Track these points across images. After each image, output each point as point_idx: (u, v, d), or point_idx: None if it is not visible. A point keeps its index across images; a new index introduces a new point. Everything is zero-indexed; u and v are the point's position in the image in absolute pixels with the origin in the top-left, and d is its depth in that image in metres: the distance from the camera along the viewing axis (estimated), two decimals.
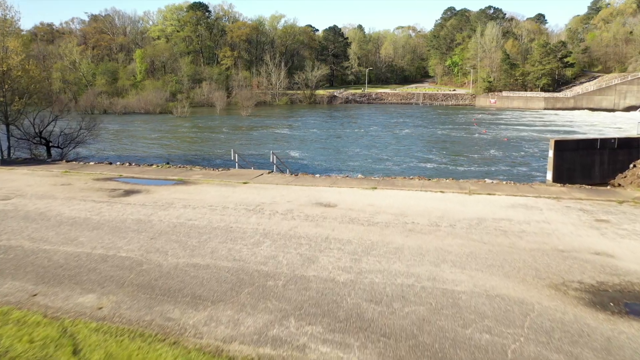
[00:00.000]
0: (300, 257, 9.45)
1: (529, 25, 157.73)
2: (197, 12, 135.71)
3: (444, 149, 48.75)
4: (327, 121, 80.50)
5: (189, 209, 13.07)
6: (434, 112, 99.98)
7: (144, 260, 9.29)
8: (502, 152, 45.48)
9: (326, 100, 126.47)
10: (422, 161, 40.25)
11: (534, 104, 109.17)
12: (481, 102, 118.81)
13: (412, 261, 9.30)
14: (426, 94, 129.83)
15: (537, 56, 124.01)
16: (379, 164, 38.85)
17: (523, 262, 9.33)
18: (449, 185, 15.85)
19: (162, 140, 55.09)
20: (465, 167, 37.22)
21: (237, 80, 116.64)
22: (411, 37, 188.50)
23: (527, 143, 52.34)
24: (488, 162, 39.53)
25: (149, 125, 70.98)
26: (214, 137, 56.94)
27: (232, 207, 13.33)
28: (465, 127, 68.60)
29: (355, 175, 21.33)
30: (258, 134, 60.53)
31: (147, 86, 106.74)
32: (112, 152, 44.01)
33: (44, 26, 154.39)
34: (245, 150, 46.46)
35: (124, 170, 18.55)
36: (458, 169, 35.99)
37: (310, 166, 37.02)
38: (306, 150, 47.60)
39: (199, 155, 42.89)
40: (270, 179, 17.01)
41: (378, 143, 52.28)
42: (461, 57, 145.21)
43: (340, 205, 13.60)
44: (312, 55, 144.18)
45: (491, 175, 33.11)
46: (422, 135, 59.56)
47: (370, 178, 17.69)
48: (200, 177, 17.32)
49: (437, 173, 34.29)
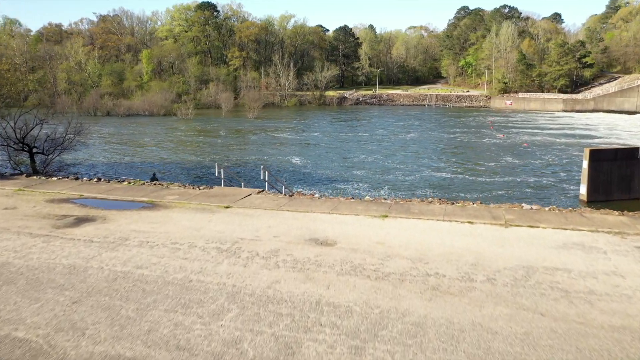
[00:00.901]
0: (276, 343, 6.45)
1: (546, 24, 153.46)
2: (205, 12, 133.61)
3: (459, 155, 45.62)
4: (335, 124, 77.53)
5: (144, 249, 10.13)
6: (447, 114, 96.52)
7: (45, 347, 6.35)
8: (524, 160, 42.13)
9: (336, 101, 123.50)
10: (436, 170, 37.13)
11: (551, 105, 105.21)
12: (496, 103, 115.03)
13: (440, 353, 6.25)
14: (439, 95, 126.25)
15: (554, 56, 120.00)
16: (388, 173, 35.77)
17: (608, 354, 6.23)
18: (478, 213, 12.75)
19: (154, 145, 52.36)
20: (485, 177, 33.98)
21: (245, 81, 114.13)
22: (423, 37, 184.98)
23: (550, 149, 48.91)
24: (510, 171, 36.26)
25: (147, 127, 68.53)
26: (211, 142, 54.12)
27: (201, 245, 10.38)
28: (481, 131, 65.18)
29: (361, 196, 18.29)
30: (259, 138, 57.77)
31: (153, 87, 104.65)
32: (100, 159, 41.37)
33: (52, 27, 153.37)
34: (242, 156, 43.52)
35: (89, 188, 15.71)
36: (478, 180, 32.78)
37: (311, 177, 34.04)
38: (309, 156, 44.83)
39: (187, 164, 39.96)
40: (258, 202, 14.04)
41: (387, 149, 49.30)
42: (475, 58, 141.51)
43: (341, 242, 10.58)
44: (322, 55, 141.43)
45: (518, 189, 29.84)
46: (435, 140, 56.33)
47: (380, 201, 14.61)
48: (175, 198, 14.41)
49: (454, 185, 31.12)
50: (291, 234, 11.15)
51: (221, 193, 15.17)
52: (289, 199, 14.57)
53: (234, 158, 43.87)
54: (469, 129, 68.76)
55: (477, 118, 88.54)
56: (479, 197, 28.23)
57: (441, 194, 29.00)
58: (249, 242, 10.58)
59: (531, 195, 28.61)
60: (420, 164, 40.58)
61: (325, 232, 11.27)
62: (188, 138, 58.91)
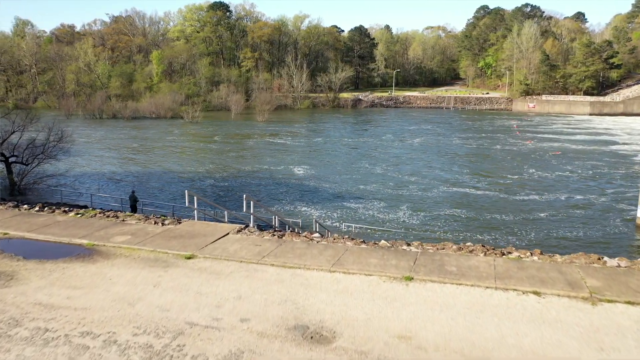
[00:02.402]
0: None
1: (569, 24, 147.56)
2: (218, 12, 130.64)
3: (484, 165, 41.14)
4: (347, 128, 73.49)
5: (32, 348, 6.47)
6: (466, 118, 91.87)
7: None
8: (558, 171, 37.71)
9: (350, 103, 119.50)
10: (460, 184, 32.69)
11: (577, 108, 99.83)
12: (518, 106, 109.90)
13: None
14: (457, 97, 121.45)
15: (580, 57, 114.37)
16: (404, 187, 31.50)
17: None
18: (543, 274, 8.86)
19: (148, 151, 48.53)
20: (520, 194, 29.54)
21: (257, 83, 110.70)
22: (441, 37, 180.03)
23: (585, 158, 44.32)
24: (547, 186, 31.79)
25: (149, 131, 64.62)
26: (210, 149, 49.64)
27: (124, 340, 6.69)
28: (506, 137, 60.59)
29: (374, 220, 14.40)
30: (264, 144, 53.64)
31: (162, 89, 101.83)
32: (85, 168, 37.42)
33: (65, 28, 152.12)
34: (240, 165, 39.02)
35: (21, 222, 12.16)
36: (512, 199, 28.40)
37: (315, 193, 29.88)
38: (315, 166, 40.65)
39: (176, 175, 35.30)
40: (234, 248, 10.33)
41: (403, 157, 44.79)
42: (495, 58, 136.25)
43: (344, 335, 6.82)
44: (336, 56, 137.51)
45: (562, 210, 25.38)
46: (456, 146, 51.90)
47: (401, 248, 10.74)
48: (125, 240, 10.77)
49: (484, 204, 26.92)
50: (269, 315, 7.39)
51: (189, 232, 11.47)
52: (278, 242, 10.81)
53: (230, 168, 39.39)
54: (492, 135, 64.19)
55: (499, 122, 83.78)
56: (518, 221, 24.06)
57: (471, 216, 24.89)
58: (199, 333, 6.84)
59: (579, 219, 24.35)
60: (441, 175, 36.31)
61: (321, 312, 7.49)
62: (187, 144, 55.10)
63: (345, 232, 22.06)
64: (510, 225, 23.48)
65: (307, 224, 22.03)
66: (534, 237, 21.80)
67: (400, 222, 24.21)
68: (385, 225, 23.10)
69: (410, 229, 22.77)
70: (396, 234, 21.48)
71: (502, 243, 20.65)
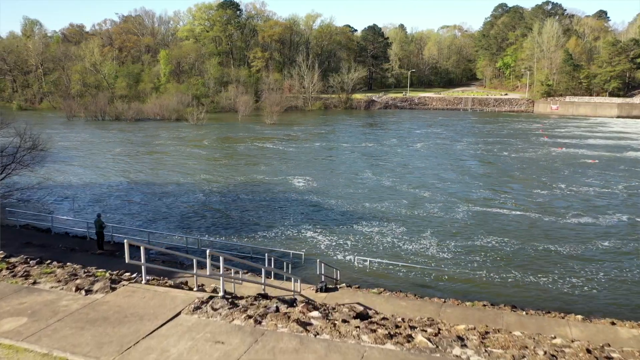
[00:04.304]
0: None
1: (592, 22, 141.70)
2: (228, 11, 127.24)
3: (513, 176, 36.43)
4: (360, 131, 69.08)
5: None
6: (486, 121, 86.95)
7: None
8: (601, 183, 33.09)
9: (363, 105, 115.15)
10: (488, 203, 27.95)
11: (604, 111, 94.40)
12: (540, 108, 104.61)
13: None
14: (475, 98, 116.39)
15: (605, 56, 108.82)
16: (422, 206, 27.00)
17: None
18: None
19: (135, 159, 44.51)
20: (568, 217, 24.74)
21: (267, 84, 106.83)
22: (457, 37, 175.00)
23: (626, 167, 39.61)
24: (598, 206, 27.03)
25: (147, 135, 60.15)
26: (204, 156, 46.00)
27: None
28: (532, 141, 55.75)
29: (388, 250, 10.33)
30: (267, 150, 49.87)
31: (169, 90, 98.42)
32: (60, 179, 33.31)
33: (74, 27, 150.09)
34: (232, 176, 33.94)
35: None
36: (558, 223, 23.77)
37: (317, 212, 25.94)
38: (319, 178, 36.14)
39: (159, 189, 30.96)
40: (179, 350, 6.38)
41: (420, 167, 40.18)
42: (514, 58, 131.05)
43: None
44: (349, 56, 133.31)
45: (627, 238, 20.85)
46: (479, 154, 47.22)
47: (451, 354, 6.62)
48: (14, 328, 6.90)
49: (526, 230, 22.40)
50: None
51: (120, 309, 7.52)
52: (253, 333, 6.81)
53: (221, 181, 34.79)
54: (516, 139, 59.42)
55: (522, 125, 78.80)
56: (576, 254, 19.65)
57: (513, 247, 20.45)
58: None
59: None
60: (466, 190, 31.79)
61: None
62: (179, 150, 49.83)
63: (360, 270, 17.99)
64: (566, 261, 19.09)
65: (310, 257, 18.09)
66: (604, 279, 17.51)
67: (426, 254, 19.99)
68: (408, 259, 18.92)
69: (442, 266, 18.55)
70: (424, 274, 17.40)
71: (566, 288, 16.44)
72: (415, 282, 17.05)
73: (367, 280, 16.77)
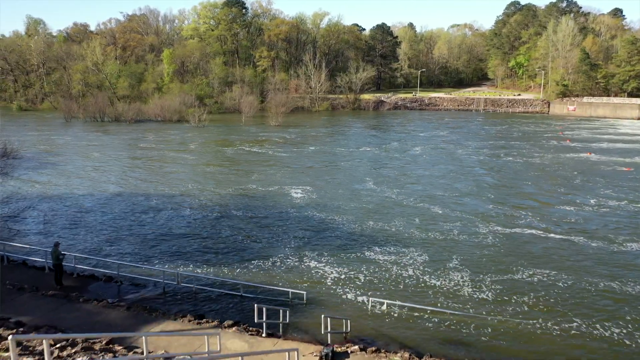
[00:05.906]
0: None
1: (608, 20, 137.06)
2: (233, 9, 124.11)
3: (542, 188, 32.36)
4: (367, 133, 65.34)
5: None
6: (500, 122, 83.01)
7: None
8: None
9: (372, 105, 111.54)
10: (520, 223, 23.85)
11: (625, 112, 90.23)
12: (556, 109, 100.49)
13: None
14: (488, 99, 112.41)
15: (624, 55, 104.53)
16: (434, 226, 23.61)
17: None
18: None
19: (121, 165, 41.16)
20: (616, 242, 20.90)
21: (273, 83, 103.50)
22: (467, 36, 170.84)
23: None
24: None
25: (144, 138, 56.43)
26: (195, 162, 42.44)
27: None
28: (554, 146, 51.75)
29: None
30: (266, 156, 46.31)
31: (172, 90, 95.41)
32: (30, 189, 29.43)
33: (78, 27, 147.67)
34: (223, 188, 31.02)
35: None
36: (611, 250, 20.06)
37: (314, 233, 22.71)
38: (320, 188, 32.56)
39: (139, 203, 28.31)
40: None
41: (435, 176, 37.04)
42: (527, 57, 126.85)
43: None
44: (357, 56, 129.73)
45: None
46: (499, 160, 43.23)
47: None
48: None
49: (568, 259, 18.58)
50: None
51: None
52: None
53: (210, 194, 31.16)
54: (536, 143, 55.55)
55: (539, 127, 74.83)
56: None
57: (567, 283, 16.72)
58: None
59: None
60: (488, 205, 28.18)
61: None
62: (171, 155, 46.09)
63: (375, 317, 14.52)
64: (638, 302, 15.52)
65: (314, 296, 14.74)
66: None
67: (460, 295, 16.14)
68: (437, 302, 15.27)
69: (482, 312, 14.88)
70: (461, 324, 13.82)
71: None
72: (449, 336, 13.45)
73: (385, 332, 13.33)
